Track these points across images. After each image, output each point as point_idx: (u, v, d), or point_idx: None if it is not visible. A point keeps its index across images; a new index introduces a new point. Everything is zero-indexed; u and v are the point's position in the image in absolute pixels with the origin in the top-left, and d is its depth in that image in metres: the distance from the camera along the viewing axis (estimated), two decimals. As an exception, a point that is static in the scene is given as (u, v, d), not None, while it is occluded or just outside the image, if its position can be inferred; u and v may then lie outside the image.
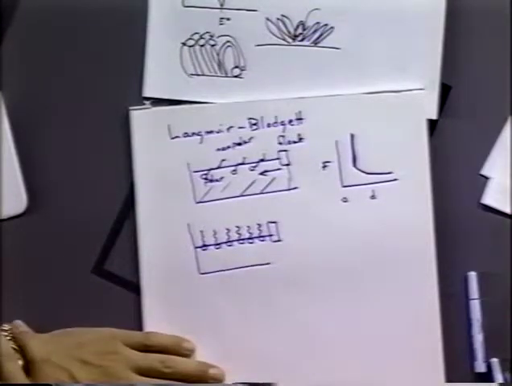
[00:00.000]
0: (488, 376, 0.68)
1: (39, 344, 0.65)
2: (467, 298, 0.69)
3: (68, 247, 0.70)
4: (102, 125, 0.70)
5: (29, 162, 0.70)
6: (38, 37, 0.70)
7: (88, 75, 0.70)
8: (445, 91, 0.69)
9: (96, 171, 0.70)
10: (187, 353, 0.68)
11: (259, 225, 0.69)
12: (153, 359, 0.66)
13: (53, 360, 0.64)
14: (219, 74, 0.69)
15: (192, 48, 0.69)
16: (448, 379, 0.68)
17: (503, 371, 0.68)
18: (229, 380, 0.68)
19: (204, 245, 0.69)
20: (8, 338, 0.65)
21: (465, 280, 0.69)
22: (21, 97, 0.70)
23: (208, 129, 0.69)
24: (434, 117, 0.69)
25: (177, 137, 0.69)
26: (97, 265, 0.70)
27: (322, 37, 0.68)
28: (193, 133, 0.69)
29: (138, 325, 0.69)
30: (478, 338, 0.69)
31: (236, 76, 0.69)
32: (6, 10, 0.70)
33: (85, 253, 0.70)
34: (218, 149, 0.69)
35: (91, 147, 0.70)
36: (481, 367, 0.68)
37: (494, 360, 0.68)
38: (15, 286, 0.69)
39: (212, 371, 0.67)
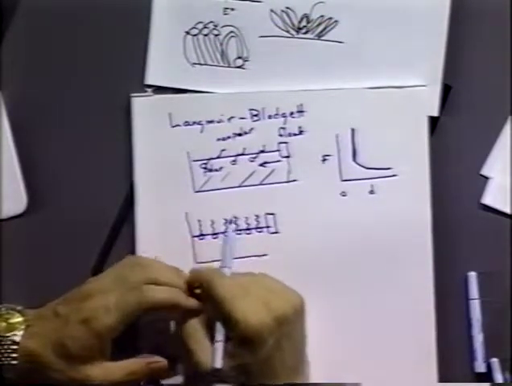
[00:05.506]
0: (488, 376, 0.67)
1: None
2: (467, 298, 0.68)
3: (67, 247, 0.69)
4: (103, 113, 0.69)
5: (29, 162, 0.69)
6: (38, 35, 0.70)
7: (90, 63, 0.70)
8: (446, 91, 0.69)
9: (96, 162, 0.69)
10: None
11: (257, 216, 0.68)
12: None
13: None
14: (221, 64, 0.69)
15: (195, 37, 0.69)
16: (448, 379, 0.67)
17: (503, 371, 0.67)
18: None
19: (202, 235, 0.68)
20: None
21: (465, 280, 0.69)
22: (21, 97, 0.70)
23: (209, 119, 0.69)
24: (435, 114, 0.69)
25: (178, 125, 0.69)
26: (97, 265, 0.69)
27: (326, 30, 0.69)
28: (194, 122, 0.69)
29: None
30: (478, 338, 0.68)
31: (238, 67, 0.69)
32: (6, 10, 0.70)
33: (85, 253, 0.69)
34: (218, 139, 0.69)
35: (92, 144, 0.70)
36: (480, 367, 0.67)
37: (494, 360, 0.67)
38: (15, 286, 0.68)
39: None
